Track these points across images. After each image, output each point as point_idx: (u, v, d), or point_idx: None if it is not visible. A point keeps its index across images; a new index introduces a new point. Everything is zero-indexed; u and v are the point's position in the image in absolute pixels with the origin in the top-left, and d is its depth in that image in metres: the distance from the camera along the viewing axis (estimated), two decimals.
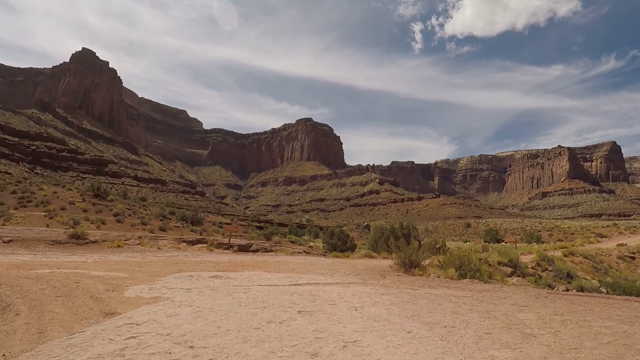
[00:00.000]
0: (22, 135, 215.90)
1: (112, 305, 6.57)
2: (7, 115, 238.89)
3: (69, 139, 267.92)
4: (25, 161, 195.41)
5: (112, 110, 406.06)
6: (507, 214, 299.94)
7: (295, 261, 18.43)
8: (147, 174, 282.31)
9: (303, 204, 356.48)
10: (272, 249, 24.30)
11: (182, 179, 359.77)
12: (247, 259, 18.05)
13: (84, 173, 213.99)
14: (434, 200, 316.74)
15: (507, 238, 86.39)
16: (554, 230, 77.08)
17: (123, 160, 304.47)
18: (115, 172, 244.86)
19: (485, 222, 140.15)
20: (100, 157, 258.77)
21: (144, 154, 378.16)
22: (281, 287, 9.19)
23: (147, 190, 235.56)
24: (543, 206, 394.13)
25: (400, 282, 11.56)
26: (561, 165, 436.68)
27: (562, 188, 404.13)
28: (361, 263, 20.74)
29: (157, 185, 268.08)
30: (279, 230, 69.13)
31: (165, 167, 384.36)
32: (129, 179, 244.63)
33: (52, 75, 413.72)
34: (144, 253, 18.10)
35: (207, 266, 14.02)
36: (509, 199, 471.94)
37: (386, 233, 37.39)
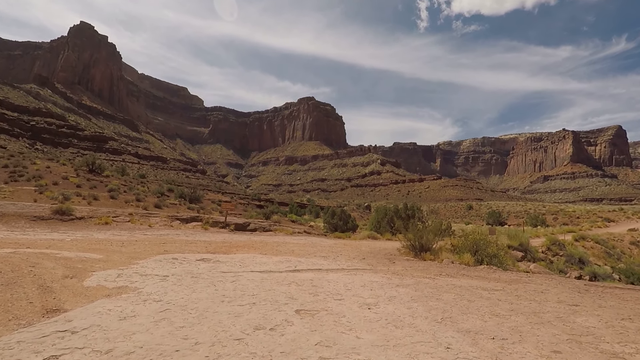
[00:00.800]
0: (22, 111, 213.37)
1: (62, 298, 5.20)
2: (6, 90, 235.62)
3: (68, 115, 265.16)
4: (25, 137, 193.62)
5: (112, 86, 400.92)
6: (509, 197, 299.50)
7: (295, 242, 17.16)
8: (148, 151, 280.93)
9: (304, 184, 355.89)
10: (271, 228, 23.03)
11: (184, 157, 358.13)
12: (243, 239, 16.75)
13: (84, 149, 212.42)
14: (435, 182, 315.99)
15: (511, 221, 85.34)
16: (559, 214, 75.88)
17: (124, 137, 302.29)
18: (116, 149, 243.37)
19: (487, 204, 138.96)
20: (100, 133, 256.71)
21: (145, 131, 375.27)
22: (277, 275, 7.83)
23: (148, 168, 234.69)
24: (544, 190, 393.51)
25: (413, 269, 10.20)
26: (565, 149, 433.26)
27: (564, 172, 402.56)
28: (365, 245, 19.47)
29: (158, 163, 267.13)
30: (279, 210, 68.10)
31: (167, 144, 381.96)
32: (130, 156, 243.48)
33: (51, 49, 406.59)
34: (132, 231, 16.82)
35: (197, 247, 12.69)
36: (510, 182, 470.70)
37: (390, 214, 36.12)
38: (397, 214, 35.62)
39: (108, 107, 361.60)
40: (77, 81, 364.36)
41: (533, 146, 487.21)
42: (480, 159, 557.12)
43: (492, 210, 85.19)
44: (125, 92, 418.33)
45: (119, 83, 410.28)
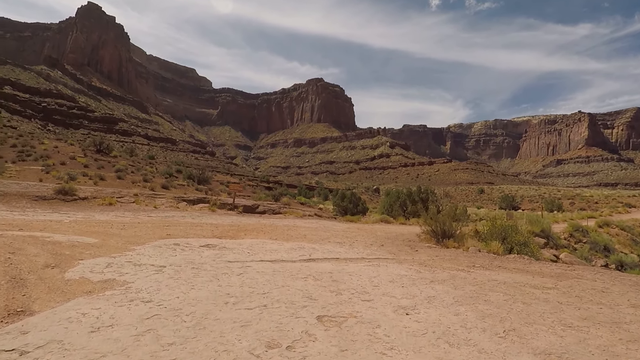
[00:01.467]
0: (33, 92, 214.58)
1: (33, 295, 4.28)
2: (17, 72, 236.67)
3: (79, 97, 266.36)
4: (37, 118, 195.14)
5: (121, 67, 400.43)
6: (520, 181, 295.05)
7: (306, 225, 16.24)
8: (157, 132, 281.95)
9: (312, 166, 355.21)
10: (281, 210, 22.13)
11: (193, 138, 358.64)
12: (252, 222, 15.86)
13: (94, 131, 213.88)
14: (445, 165, 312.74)
15: (524, 205, 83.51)
16: (576, 199, 73.83)
17: (133, 118, 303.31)
18: (126, 130, 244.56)
19: (499, 188, 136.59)
20: (110, 115, 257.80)
21: (154, 112, 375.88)
22: (290, 265, 6.85)
23: (157, 149, 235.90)
24: (557, 174, 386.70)
25: (441, 259, 9.16)
26: (580, 131, 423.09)
27: (578, 155, 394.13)
28: (379, 229, 18.47)
29: (168, 144, 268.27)
30: (288, 192, 67.41)
31: (176, 126, 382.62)
32: (140, 138, 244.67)
33: (59, 30, 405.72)
34: (136, 212, 16.03)
35: (203, 230, 11.81)
36: (522, 166, 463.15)
37: (402, 197, 34.99)
38: (409, 198, 34.48)
39: (117, 89, 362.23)
40: (86, 62, 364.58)
41: (547, 129, 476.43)
42: (491, 142, 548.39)
43: (505, 194, 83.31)
44: (134, 74, 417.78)
45: (128, 64, 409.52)
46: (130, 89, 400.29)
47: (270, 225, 15.31)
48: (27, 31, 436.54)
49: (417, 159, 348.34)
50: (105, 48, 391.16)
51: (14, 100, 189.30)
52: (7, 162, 32.53)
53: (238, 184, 20.48)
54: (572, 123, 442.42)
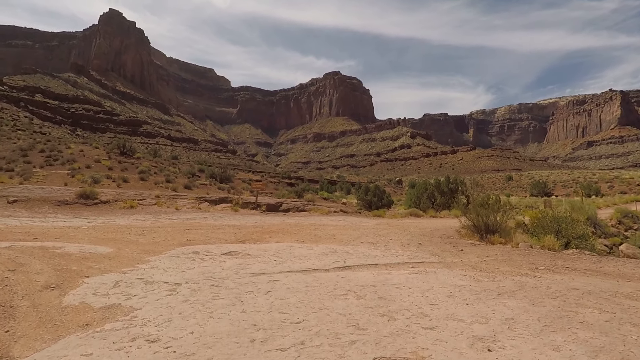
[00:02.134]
0: (62, 99, 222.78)
1: (18, 330, 3.48)
2: (47, 80, 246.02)
3: (104, 101, 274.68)
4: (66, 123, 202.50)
5: (143, 71, 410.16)
6: (550, 166, 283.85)
7: (334, 224, 15.28)
8: (179, 133, 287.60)
9: (333, 160, 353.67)
10: (305, 208, 21.25)
11: (214, 137, 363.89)
12: (276, 222, 15.02)
13: (120, 134, 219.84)
14: (469, 153, 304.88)
15: (558, 191, 79.63)
16: (615, 182, 69.62)
17: (156, 120, 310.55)
18: (150, 132, 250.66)
19: (529, 174, 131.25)
20: (134, 118, 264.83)
21: (176, 114, 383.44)
22: (324, 276, 5.89)
23: (180, 150, 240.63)
24: (588, 156, 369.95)
25: (494, 260, 7.99)
26: (612, 111, 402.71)
27: (610, 136, 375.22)
28: (411, 225, 17.29)
29: (190, 144, 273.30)
30: (310, 187, 66.71)
31: (197, 126, 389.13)
32: (163, 139, 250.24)
33: (84, 38, 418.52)
34: (157, 215, 15.51)
35: (225, 233, 11.04)
36: (550, 150, 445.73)
37: (430, 188, 33.48)
38: (438, 189, 32.95)
39: (140, 92, 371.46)
40: (110, 68, 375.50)
41: (575, 110, 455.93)
42: (516, 126, 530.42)
43: (536, 180, 79.63)
44: (155, 77, 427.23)
45: (149, 68, 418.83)
46: (153, 91, 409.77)
47: (296, 224, 14.43)
48: (54, 40, 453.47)
49: (440, 148, 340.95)
50: (127, 53, 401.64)
51: (44, 108, 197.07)
52: (35, 167, 33.13)
53: (260, 182, 19.72)
54: (603, 102, 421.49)
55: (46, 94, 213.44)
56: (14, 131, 51.47)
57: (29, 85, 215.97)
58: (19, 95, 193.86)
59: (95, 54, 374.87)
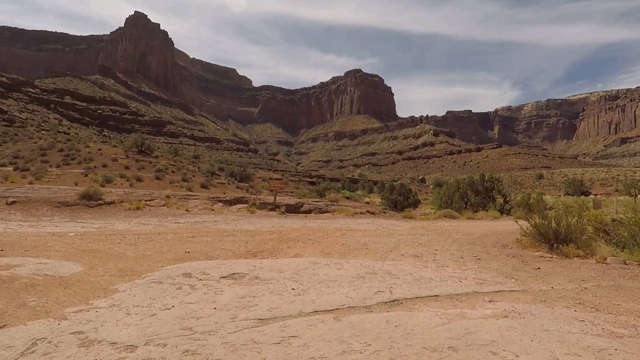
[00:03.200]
0: (89, 101, 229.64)
1: None
2: (75, 82, 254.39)
3: (130, 102, 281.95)
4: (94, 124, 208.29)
5: (167, 72, 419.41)
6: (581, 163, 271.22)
7: (362, 228, 13.17)
8: (202, 133, 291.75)
9: (354, 159, 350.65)
10: (328, 209, 19.19)
11: (236, 137, 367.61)
12: (296, 226, 13.01)
13: (145, 134, 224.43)
14: (494, 151, 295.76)
15: (595, 190, 74.55)
16: None
17: (180, 120, 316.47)
18: (173, 132, 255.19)
19: (561, 172, 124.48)
20: (159, 118, 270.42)
21: (199, 114, 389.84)
22: (367, 323, 3.80)
23: (203, 149, 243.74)
24: (622, 153, 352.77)
25: (597, 288, 5.67)
26: None
27: None
28: (452, 228, 14.94)
29: (212, 143, 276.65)
30: (331, 186, 64.64)
31: (219, 126, 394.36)
32: (186, 139, 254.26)
33: (111, 41, 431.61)
34: (163, 218, 13.82)
35: (234, 242, 9.11)
36: (579, 147, 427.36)
37: (463, 187, 30.76)
38: (472, 187, 30.21)
39: (164, 93, 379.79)
40: (135, 69, 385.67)
41: (608, 105, 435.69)
42: (544, 123, 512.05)
43: (571, 178, 74.65)
44: (179, 78, 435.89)
45: (173, 69, 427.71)
46: (176, 92, 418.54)
47: (319, 229, 12.38)
48: (83, 44, 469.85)
49: (464, 145, 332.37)
50: (152, 54, 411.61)
51: (73, 109, 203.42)
52: (51, 166, 32.48)
53: (280, 181, 17.76)
54: (638, 97, 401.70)
55: (75, 96, 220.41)
56: (38, 131, 52.02)
57: (59, 87, 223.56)
58: (49, 97, 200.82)
59: (122, 56, 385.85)
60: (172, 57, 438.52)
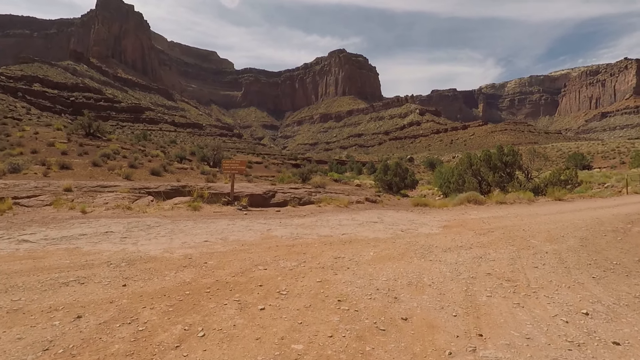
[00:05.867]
0: (61, 87, 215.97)
1: None
2: (45, 69, 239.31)
3: (105, 89, 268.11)
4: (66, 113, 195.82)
5: (144, 56, 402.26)
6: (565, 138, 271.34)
7: (370, 235, 7.45)
8: (184, 119, 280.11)
9: (340, 141, 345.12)
10: (312, 198, 13.39)
11: (219, 122, 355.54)
12: (250, 239, 7.08)
13: (122, 121, 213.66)
14: (481, 128, 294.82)
15: (597, 163, 70.69)
16: None
17: (160, 106, 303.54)
18: (153, 118, 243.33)
19: (553, 146, 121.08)
20: (137, 104, 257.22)
21: (180, 99, 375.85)
22: None
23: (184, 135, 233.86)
24: (602, 128, 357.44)
25: None
26: (626, 80, 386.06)
27: (625, 106, 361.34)
28: (508, 226, 9.32)
29: (195, 129, 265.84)
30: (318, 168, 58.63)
31: (202, 111, 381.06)
32: (167, 125, 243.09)
33: (82, 24, 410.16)
34: (15, 231, 7.85)
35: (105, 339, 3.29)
36: (562, 123, 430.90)
37: (477, 163, 25.26)
38: (488, 163, 24.73)
39: (142, 78, 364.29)
40: (110, 54, 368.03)
41: (588, 81, 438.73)
42: (527, 100, 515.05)
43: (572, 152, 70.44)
44: (157, 62, 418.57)
45: (150, 53, 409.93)
46: (155, 77, 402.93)
47: (289, 247, 6.48)
48: (52, 28, 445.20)
49: (450, 124, 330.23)
50: (127, 38, 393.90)
51: (43, 97, 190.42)
52: None
53: (239, 162, 11.57)
54: (618, 72, 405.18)
55: (45, 83, 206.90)
56: None
57: (27, 74, 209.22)
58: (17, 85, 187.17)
59: (94, 40, 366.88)
60: (148, 40, 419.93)
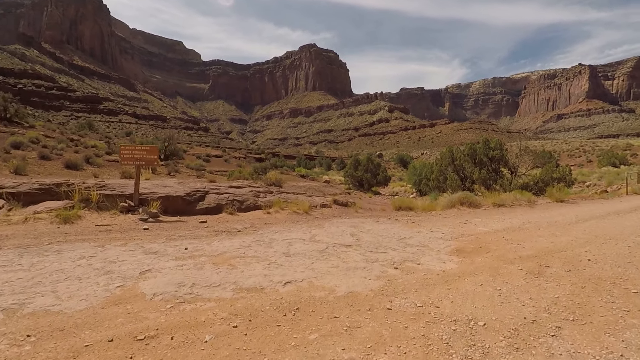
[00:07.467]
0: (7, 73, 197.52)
1: None
2: None
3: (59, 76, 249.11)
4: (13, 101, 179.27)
5: (103, 43, 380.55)
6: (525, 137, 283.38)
7: (345, 286, 3.73)
8: (146, 110, 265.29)
9: (310, 136, 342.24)
10: (260, 201, 9.57)
11: (185, 115, 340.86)
12: (91, 305, 3.20)
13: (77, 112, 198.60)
14: (447, 126, 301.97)
15: (564, 161, 71.11)
16: (637, 150, 61.15)
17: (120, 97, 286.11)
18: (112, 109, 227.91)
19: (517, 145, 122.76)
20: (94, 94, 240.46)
21: (143, 90, 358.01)
22: None
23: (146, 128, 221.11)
24: (557, 129, 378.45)
25: None
26: (580, 85, 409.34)
27: (579, 109, 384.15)
28: (549, 247, 5.94)
29: (158, 122, 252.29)
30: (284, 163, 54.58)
31: (167, 103, 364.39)
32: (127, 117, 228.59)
33: (34, 6, 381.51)
34: None
35: None
36: (521, 123, 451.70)
37: (460, 158, 22.27)
38: (473, 158, 21.80)
39: (102, 67, 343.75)
40: (65, 40, 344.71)
41: (546, 84, 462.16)
42: (490, 100, 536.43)
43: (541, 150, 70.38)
44: (118, 50, 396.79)
45: (111, 40, 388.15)
46: (116, 66, 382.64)
47: None
48: None
49: (418, 122, 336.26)
50: (84, 23, 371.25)
51: None
52: None
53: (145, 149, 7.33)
54: (572, 76, 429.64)
55: None
56: None
57: None
58: None
59: (48, 24, 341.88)
60: (108, 26, 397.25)
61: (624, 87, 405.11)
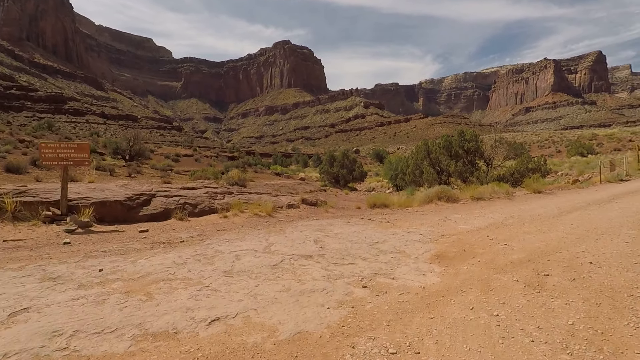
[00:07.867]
0: None
1: None
2: None
3: (18, 75, 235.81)
4: None
5: (67, 41, 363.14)
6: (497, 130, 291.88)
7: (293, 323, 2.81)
8: (115, 110, 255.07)
9: (287, 133, 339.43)
10: (216, 204, 8.41)
11: (157, 114, 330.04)
12: None
13: (40, 112, 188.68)
14: (422, 121, 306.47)
15: (535, 152, 72.68)
16: (603, 139, 62.93)
17: (87, 96, 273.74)
18: (78, 109, 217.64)
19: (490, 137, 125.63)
20: (58, 94, 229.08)
21: (111, 89, 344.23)
22: None
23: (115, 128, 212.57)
24: (526, 121, 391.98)
25: None
26: (546, 79, 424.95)
27: (545, 102, 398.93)
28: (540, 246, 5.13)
29: (128, 122, 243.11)
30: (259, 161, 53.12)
31: (137, 102, 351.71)
32: (95, 117, 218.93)
33: None
34: None
35: None
36: (492, 116, 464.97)
37: (436, 150, 21.67)
38: (448, 151, 21.24)
39: (66, 65, 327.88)
40: (25, 36, 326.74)
41: (514, 78, 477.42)
42: (462, 95, 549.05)
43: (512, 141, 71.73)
44: (83, 47, 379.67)
45: (75, 37, 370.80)
46: (82, 64, 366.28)
47: None
48: None
49: (393, 117, 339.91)
50: (45, 19, 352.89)
51: None
52: None
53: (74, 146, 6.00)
54: (539, 70, 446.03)
55: None
56: None
57: None
58: None
59: (4, 20, 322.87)
60: (72, 22, 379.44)
61: (585, 80, 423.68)
